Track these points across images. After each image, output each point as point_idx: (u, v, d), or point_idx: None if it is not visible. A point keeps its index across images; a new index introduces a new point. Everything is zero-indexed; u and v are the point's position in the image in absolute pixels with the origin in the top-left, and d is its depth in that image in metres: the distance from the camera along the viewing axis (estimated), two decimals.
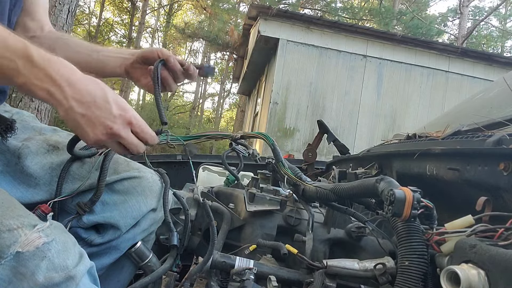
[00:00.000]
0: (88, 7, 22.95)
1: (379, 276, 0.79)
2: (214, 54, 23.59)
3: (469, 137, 0.90)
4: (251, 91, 12.27)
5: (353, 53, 7.42)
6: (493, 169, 0.70)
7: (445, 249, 0.63)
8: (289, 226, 1.04)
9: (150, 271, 0.92)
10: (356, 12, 15.00)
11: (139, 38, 16.48)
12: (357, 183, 0.81)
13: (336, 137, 1.88)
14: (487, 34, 19.49)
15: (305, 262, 0.88)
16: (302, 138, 7.22)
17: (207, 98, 29.33)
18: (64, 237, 0.64)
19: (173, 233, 0.93)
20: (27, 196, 0.79)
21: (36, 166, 0.81)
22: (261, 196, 1.06)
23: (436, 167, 0.88)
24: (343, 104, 7.38)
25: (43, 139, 0.86)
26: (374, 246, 0.99)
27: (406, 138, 1.28)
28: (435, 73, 7.56)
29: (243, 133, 1.14)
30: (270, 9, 7.08)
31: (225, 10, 14.82)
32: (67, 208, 0.85)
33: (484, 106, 1.46)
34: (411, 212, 0.61)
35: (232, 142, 1.15)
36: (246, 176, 1.67)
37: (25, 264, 0.58)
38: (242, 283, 0.82)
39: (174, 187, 1.13)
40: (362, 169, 1.27)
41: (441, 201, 0.86)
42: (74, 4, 3.99)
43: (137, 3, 18.02)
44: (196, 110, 24.72)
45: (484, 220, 0.63)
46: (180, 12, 23.69)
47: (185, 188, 1.23)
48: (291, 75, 7.25)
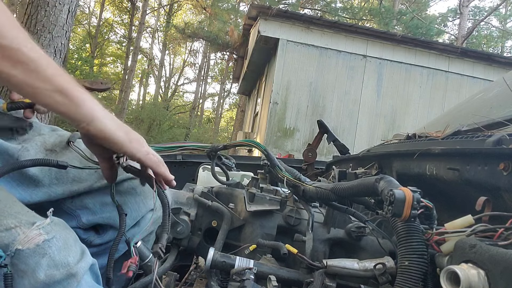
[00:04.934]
0: (88, 7, 22.99)
1: (379, 276, 0.79)
2: (214, 54, 23.60)
3: (469, 137, 0.90)
4: (251, 91, 12.27)
5: (353, 53, 7.43)
6: (493, 169, 0.70)
7: (445, 249, 0.63)
8: (289, 226, 1.04)
9: (150, 271, 0.92)
10: (356, 12, 15.00)
11: (139, 38, 16.47)
12: (357, 182, 0.81)
13: (336, 137, 1.88)
14: (487, 34, 19.50)
15: (305, 262, 0.88)
16: (302, 138, 7.22)
17: (207, 98, 29.38)
18: (65, 234, 0.64)
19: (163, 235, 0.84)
20: (26, 197, 0.79)
21: (35, 168, 0.81)
22: (261, 196, 1.06)
23: (436, 167, 0.88)
24: (343, 104, 7.38)
25: (42, 140, 0.86)
26: (374, 246, 0.99)
27: (406, 138, 1.28)
28: (435, 73, 7.56)
29: (227, 143, 1.13)
30: (270, 9, 7.08)
31: (225, 10, 14.81)
32: (65, 209, 0.85)
33: (484, 106, 1.46)
34: (411, 212, 0.61)
35: (209, 155, 1.12)
36: (246, 176, 1.67)
37: (25, 261, 0.58)
38: (242, 283, 0.82)
39: (174, 187, 1.13)
40: (362, 169, 1.27)
41: (441, 201, 0.86)
42: (74, 4, 3.99)
43: (137, 3, 18.03)
44: (196, 110, 24.73)
45: (484, 220, 0.63)
46: (180, 12, 23.71)
47: (185, 188, 1.23)
48: (291, 75, 7.26)
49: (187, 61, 26.92)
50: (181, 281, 1.19)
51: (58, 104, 0.59)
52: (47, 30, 3.76)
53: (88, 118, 0.62)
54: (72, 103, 0.60)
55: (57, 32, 3.83)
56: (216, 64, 27.61)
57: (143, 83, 26.56)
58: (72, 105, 0.60)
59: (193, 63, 26.77)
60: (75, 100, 0.60)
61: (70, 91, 0.59)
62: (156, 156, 0.73)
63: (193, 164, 2.00)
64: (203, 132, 21.91)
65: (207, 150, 1.11)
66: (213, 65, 27.80)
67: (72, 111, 0.60)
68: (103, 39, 22.03)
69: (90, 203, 0.86)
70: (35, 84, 0.56)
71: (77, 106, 0.60)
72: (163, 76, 26.01)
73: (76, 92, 0.60)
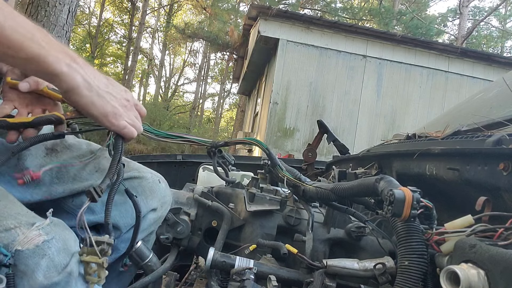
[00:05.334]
0: (88, 7, 22.97)
1: (379, 276, 0.79)
2: (214, 54, 23.60)
3: (469, 137, 0.90)
4: (251, 91, 12.27)
5: (353, 53, 7.43)
6: (493, 169, 0.70)
7: (445, 249, 0.63)
8: (289, 226, 1.04)
9: (150, 271, 0.92)
10: (356, 12, 15.00)
11: (139, 38, 16.48)
12: (357, 182, 0.81)
13: (336, 137, 1.88)
14: (487, 34, 19.49)
15: (305, 262, 0.88)
16: (302, 138, 7.22)
17: (207, 98, 29.36)
18: (65, 235, 0.64)
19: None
20: (26, 197, 0.79)
21: (35, 168, 0.81)
22: (261, 196, 1.06)
23: (436, 167, 0.88)
24: (343, 104, 7.38)
25: None
26: (374, 246, 1.00)
27: (406, 138, 1.28)
28: (434, 73, 7.56)
29: (228, 140, 1.13)
30: (270, 9, 7.08)
31: (225, 10, 14.82)
32: (66, 208, 0.85)
33: (484, 106, 1.46)
34: (411, 212, 0.61)
35: (210, 151, 1.11)
36: (246, 176, 1.67)
37: (25, 262, 0.57)
38: (242, 283, 0.82)
39: (174, 187, 1.13)
40: (362, 169, 1.28)
41: (441, 201, 0.86)
42: (74, 4, 4.00)
43: (137, 3, 18.03)
44: (196, 110, 24.73)
45: (484, 220, 0.63)
46: (180, 12, 23.70)
47: (185, 188, 1.23)
48: (291, 75, 7.26)
49: (187, 61, 26.93)
50: (181, 281, 1.19)
51: (32, 72, 0.64)
52: (47, 30, 3.76)
53: (62, 89, 0.66)
54: (48, 72, 0.63)
55: (57, 32, 3.83)
56: (216, 64, 27.62)
57: (143, 83, 26.56)
58: (47, 76, 0.64)
59: (193, 63, 26.78)
60: (50, 70, 0.62)
61: (42, 57, 0.61)
62: (132, 128, 0.73)
63: (193, 164, 2.00)
64: (203, 132, 21.91)
65: (208, 147, 1.10)
66: (213, 65, 27.82)
67: (50, 80, 0.65)
68: (103, 39, 22.03)
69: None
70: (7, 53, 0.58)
71: (53, 76, 0.63)
72: (163, 76, 26.03)
73: (50, 58, 0.62)
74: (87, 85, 0.66)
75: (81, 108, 0.68)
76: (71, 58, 0.65)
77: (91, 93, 0.67)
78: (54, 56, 0.62)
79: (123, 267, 0.90)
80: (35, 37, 0.61)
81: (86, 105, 0.67)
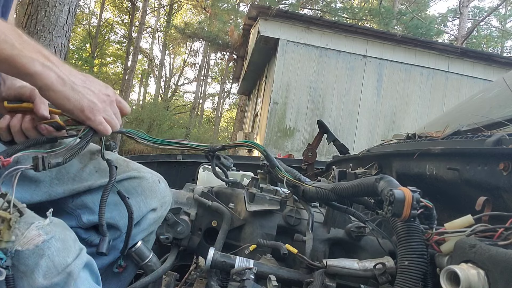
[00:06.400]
0: (88, 7, 22.97)
1: (379, 276, 0.79)
2: (214, 54, 23.59)
3: (469, 137, 0.90)
4: (251, 91, 12.27)
5: (353, 53, 7.42)
6: (492, 169, 0.70)
7: (444, 249, 0.63)
8: (289, 226, 1.04)
9: (150, 271, 0.92)
10: (356, 12, 14.99)
11: (139, 38, 16.46)
12: (356, 182, 0.81)
13: (336, 137, 1.88)
14: (487, 34, 19.49)
15: (305, 261, 0.88)
16: (302, 138, 7.21)
17: (207, 98, 29.36)
18: (64, 235, 0.64)
19: (104, 239, 0.78)
20: (26, 197, 0.79)
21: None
22: (261, 196, 1.06)
23: (435, 167, 0.88)
24: (343, 104, 7.38)
25: None
26: (374, 246, 1.00)
27: (405, 138, 1.28)
28: (434, 73, 7.56)
29: (225, 144, 1.12)
30: (270, 9, 7.08)
31: (225, 10, 14.81)
32: (66, 208, 0.85)
33: (483, 106, 1.46)
34: (411, 212, 0.61)
35: (207, 155, 1.11)
36: (246, 176, 1.67)
37: (25, 262, 0.57)
38: (242, 283, 0.82)
39: (174, 187, 1.13)
40: (362, 169, 1.28)
41: (441, 201, 0.86)
42: (74, 4, 4.00)
43: (137, 3, 18.02)
44: (196, 110, 24.72)
45: (484, 220, 0.63)
46: (180, 12, 23.70)
47: (185, 188, 1.23)
48: (291, 75, 7.25)
49: (187, 61, 26.92)
50: (181, 281, 1.19)
51: (5, 72, 0.65)
52: (47, 30, 3.76)
53: (37, 86, 0.66)
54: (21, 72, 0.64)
55: (57, 32, 3.83)
56: (216, 64, 27.62)
57: (143, 83, 26.55)
58: (20, 75, 0.65)
59: (193, 63, 26.76)
60: (23, 70, 0.64)
61: (14, 58, 0.62)
62: (107, 125, 0.75)
63: (193, 164, 2.00)
64: (203, 132, 21.90)
65: (205, 151, 1.10)
66: (213, 65, 27.81)
67: (23, 79, 0.66)
68: (103, 39, 22.02)
69: (90, 203, 0.86)
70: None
71: (27, 75, 0.64)
72: (163, 76, 26.00)
73: (23, 59, 0.63)
74: (60, 81, 0.67)
75: (57, 104, 0.69)
76: (45, 57, 0.66)
77: (65, 87, 0.68)
78: (27, 57, 0.63)
79: (118, 269, 0.89)
80: (7, 38, 0.61)
81: (61, 100, 0.68)
